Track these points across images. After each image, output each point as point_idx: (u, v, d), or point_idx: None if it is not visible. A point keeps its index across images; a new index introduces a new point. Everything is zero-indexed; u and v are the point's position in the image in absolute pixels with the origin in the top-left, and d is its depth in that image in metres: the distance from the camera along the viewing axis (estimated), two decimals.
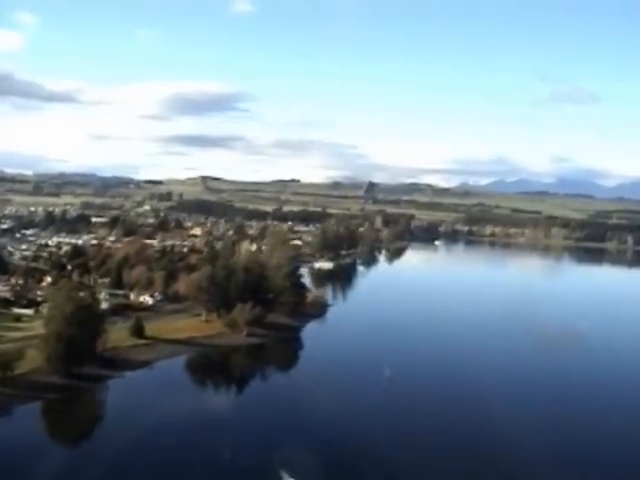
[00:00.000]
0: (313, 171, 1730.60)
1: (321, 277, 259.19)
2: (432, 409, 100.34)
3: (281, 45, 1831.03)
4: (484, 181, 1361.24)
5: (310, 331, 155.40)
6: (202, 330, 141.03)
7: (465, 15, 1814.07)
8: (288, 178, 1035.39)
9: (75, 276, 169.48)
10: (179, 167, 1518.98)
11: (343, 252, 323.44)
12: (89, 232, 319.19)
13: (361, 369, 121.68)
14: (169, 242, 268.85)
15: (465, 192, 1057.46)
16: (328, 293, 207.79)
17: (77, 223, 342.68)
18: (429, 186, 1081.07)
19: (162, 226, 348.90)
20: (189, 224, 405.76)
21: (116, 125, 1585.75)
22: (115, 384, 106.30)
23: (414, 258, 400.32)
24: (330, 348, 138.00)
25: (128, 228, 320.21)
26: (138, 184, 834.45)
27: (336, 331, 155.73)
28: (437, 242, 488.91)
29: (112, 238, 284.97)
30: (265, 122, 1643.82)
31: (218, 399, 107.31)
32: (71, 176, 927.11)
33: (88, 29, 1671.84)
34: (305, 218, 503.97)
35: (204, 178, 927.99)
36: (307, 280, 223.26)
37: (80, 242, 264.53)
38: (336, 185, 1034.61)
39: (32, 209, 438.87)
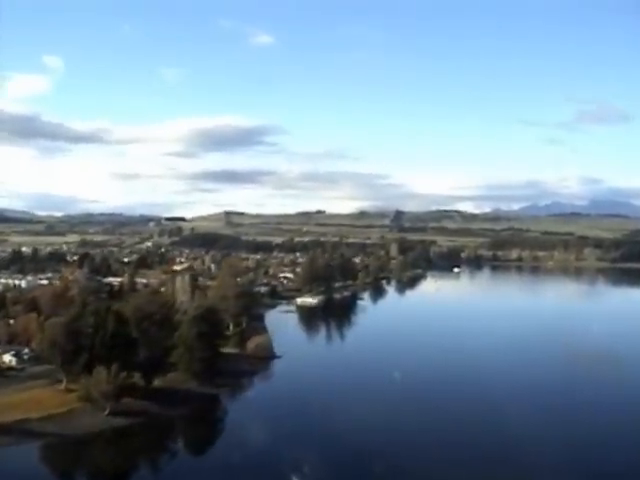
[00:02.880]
0: (342, 203, 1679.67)
1: (302, 316, 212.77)
2: None
3: (304, 76, 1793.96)
4: (516, 206, 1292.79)
5: (221, 404, 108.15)
6: (50, 406, 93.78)
7: (490, 36, 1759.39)
8: (314, 210, 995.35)
9: None
10: (208, 204, 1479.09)
11: (338, 284, 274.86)
12: (55, 271, 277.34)
13: None
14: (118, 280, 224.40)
15: (495, 217, 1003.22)
16: (283, 339, 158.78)
17: (49, 262, 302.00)
18: (458, 212, 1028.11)
19: (142, 262, 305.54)
20: (182, 259, 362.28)
21: (144, 164, 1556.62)
22: None
23: (429, 289, 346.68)
24: (246, 439, 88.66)
25: (98, 266, 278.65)
26: (159, 222, 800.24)
27: (263, 406, 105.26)
28: (456, 269, 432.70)
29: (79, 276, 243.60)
30: (293, 155, 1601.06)
31: None
32: (96, 216, 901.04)
33: (113, 70, 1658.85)
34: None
35: (227, 213, 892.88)
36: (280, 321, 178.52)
37: (23, 283, 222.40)
38: (362, 215, 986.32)
39: (22, 249, 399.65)
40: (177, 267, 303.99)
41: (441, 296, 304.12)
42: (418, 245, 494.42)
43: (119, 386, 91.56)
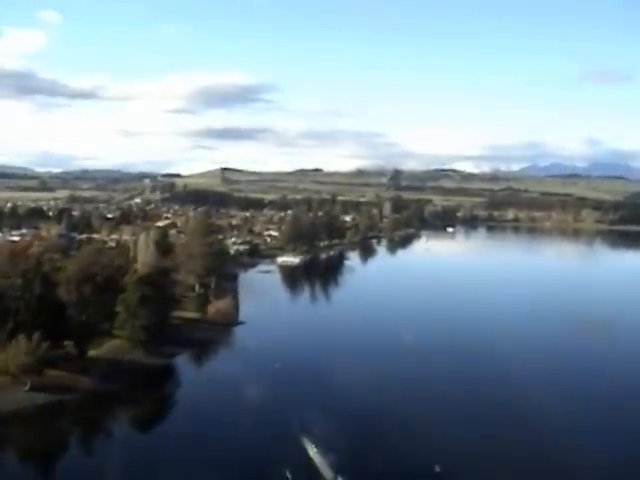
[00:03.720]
0: (341, 160, 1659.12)
1: (282, 276, 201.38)
2: None
3: (302, 34, 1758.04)
4: (516, 166, 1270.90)
5: (166, 377, 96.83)
6: None
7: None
8: (311, 167, 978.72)
9: None
10: (208, 161, 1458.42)
11: (324, 243, 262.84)
12: (33, 227, 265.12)
13: None
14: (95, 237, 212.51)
15: (494, 177, 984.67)
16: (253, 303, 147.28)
17: (28, 218, 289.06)
18: (456, 172, 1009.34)
19: (124, 219, 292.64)
20: (168, 215, 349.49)
21: (143, 121, 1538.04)
22: None
23: (421, 248, 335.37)
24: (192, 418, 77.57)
25: (77, 222, 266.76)
26: (155, 178, 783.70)
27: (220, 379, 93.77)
28: (450, 229, 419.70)
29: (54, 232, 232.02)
30: (292, 113, 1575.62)
31: None
32: (93, 173, 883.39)
33: (111, 25, 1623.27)
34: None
35: (223, 170, 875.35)
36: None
37: None
38: (360, 173, 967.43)
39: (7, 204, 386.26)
40: (160, 223, 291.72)
41: (432, 256, 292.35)
42: (413, 204, 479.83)
43: (41, 357, 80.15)
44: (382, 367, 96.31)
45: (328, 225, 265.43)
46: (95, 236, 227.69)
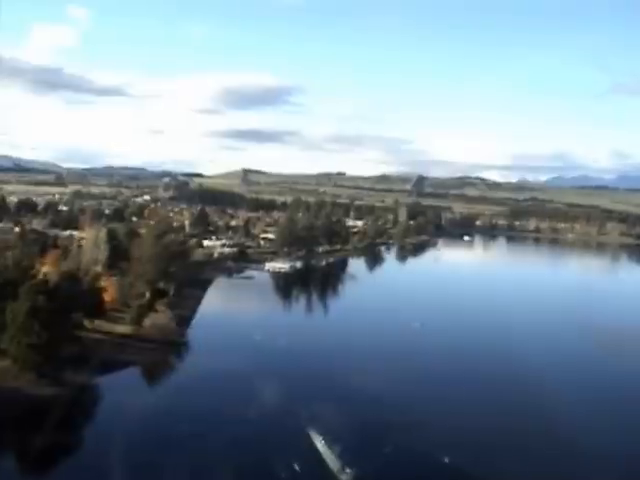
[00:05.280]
0: (366, 165, 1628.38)
1: (267, 284, 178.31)
2: None
3: (332, 37, 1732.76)
4: (543, 177, 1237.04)
5: (66, 412, 67.71)
6: None
7: (525, 8, 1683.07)
8: (335, 171, 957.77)
9: None
10: (233, 162, 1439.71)
11: (323, 249, 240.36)
12: (16, 222, 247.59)
13: None
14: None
15: (519, 186, 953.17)
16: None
17: (17, 211, 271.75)
18: (481, 180, 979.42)
19: (117, 215, 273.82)
20: (170, 214, 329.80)
21: (169, 119, 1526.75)
22: None
23: (433, 257, 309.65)
24: None
25: (66, 217, 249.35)
26: (175, 177, 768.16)
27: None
28: (466, 237, 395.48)
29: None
30: (319, 116, 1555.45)
31: None
32: (118, 170, 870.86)
33: (139, 23, 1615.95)
34: None
35: (246, 171, 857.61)
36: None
37: None
38: (383, 178, 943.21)
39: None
40: (152, 222, 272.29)
41: (442, 267, 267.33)
42: (430, 210, 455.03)
43: None
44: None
45: (328, 229, 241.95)
46: (75, 233, 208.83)
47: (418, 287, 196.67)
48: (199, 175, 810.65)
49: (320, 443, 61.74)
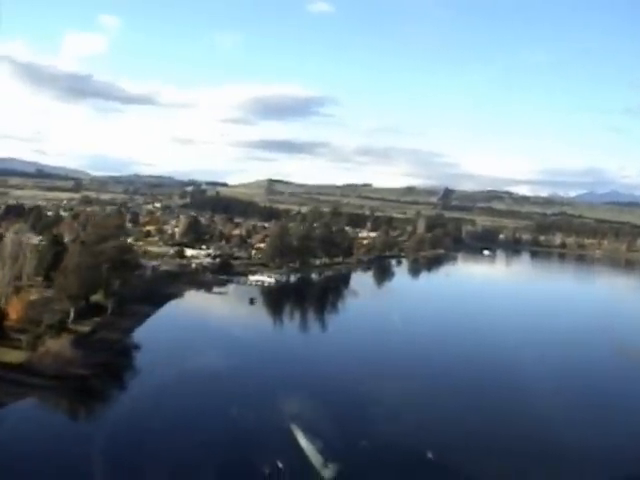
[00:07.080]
0: (394, 178, 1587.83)
1: (244, 300, 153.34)
2: None
3: (363, 47, 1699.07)
4: (573, 193, 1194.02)
5: None
6: None
7: (556, 24, 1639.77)
8: (361, 182, 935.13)
9: None
10: (262, 173, 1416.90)
11: (321, 261, 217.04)
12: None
13: None
14: None
15: (548, 201, 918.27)
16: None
17: (4, 215, 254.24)
18: (509, 194, 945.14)
19: None
20: (173, 222, 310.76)
21: (198, 129, 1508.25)
22: None
23: (451, 271, 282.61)
24: None
25: (50, 222, 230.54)
26: (199, 186, 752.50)
27: None
28: (486, 252, 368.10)
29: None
30: (350, 128, 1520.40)
31: None
32: (144, 178, 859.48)
33: (169, 32, 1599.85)
34: None
35: (270, 181, 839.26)
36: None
37: None
38: (409, 191, 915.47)
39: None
40: (148, 228, 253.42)
41: (457, 284, 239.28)
42: (450, 223, 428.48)
43: None
44: None
45: (326, 239, 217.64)
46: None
47: (419, 310, 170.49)
48: (223, 184, 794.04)
49: None
